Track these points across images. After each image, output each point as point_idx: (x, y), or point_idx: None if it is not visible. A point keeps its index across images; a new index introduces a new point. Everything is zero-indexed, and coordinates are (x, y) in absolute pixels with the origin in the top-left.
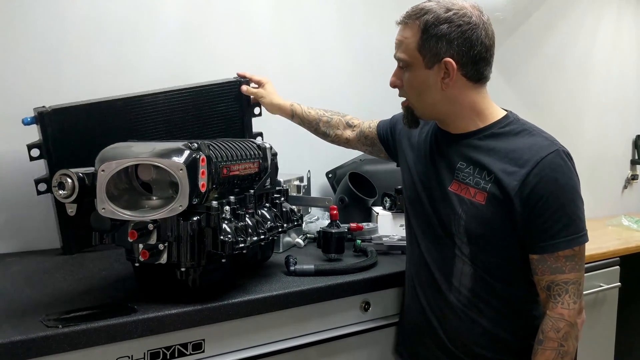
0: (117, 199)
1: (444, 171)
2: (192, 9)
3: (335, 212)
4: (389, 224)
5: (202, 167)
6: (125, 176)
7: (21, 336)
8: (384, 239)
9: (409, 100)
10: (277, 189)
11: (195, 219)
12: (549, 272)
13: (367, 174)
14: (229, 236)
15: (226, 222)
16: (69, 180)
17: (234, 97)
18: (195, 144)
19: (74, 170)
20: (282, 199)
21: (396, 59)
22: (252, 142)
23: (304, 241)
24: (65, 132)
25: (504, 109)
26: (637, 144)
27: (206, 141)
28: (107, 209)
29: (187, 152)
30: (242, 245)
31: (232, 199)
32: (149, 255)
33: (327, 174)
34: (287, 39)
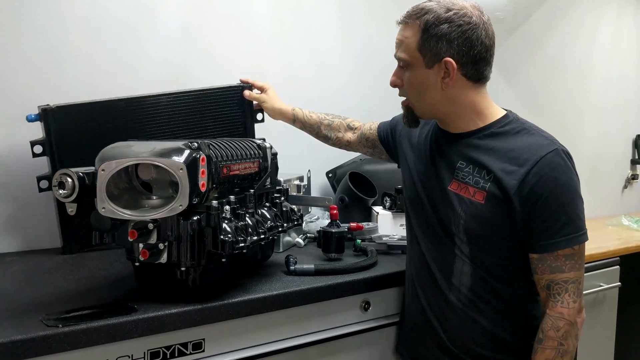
0: (117, 198)
1: (444, 171)
2: (192, 9)
3: (335, 211)
4: (389, 224)
5: (202, 167)
6: (125, 175)
7: (21, 335)
8: (384, 239)
9: (409, 99)
10: (277, 188)
11: (195, 218)
12: (549, 271)
13: (367, 174)
14: (229, 236)
15: (226, 221)
16: (69, 179)
17: (237, 102)
18: (195, 144)
19: (74, 169)
20: (282, 198)
21: (396, 58)
22: (252, 142)
23: (304, 241)
24: (68, 129)
25: (504, 109)
26: (637, 143)
27: (206, 141)
28: (107, 208)
29: (187, 152)
30: (242, 244)
31: (232, 198)
32: (149, 254)
33: (327, 174)
34: (287, 39)
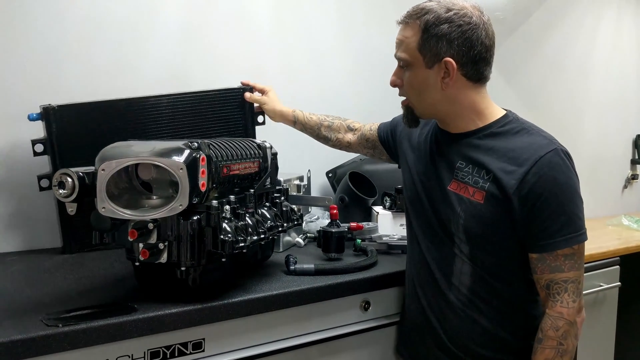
0: (117, 198)
1: (444, 171)
2: (192, 9)
3: (335, 211)
4: (389, 224)
5: (202, 167)
6: (125, 175)
7: (21, 335)
8: (384, 238)
9: (409, 99)
10: (277, 188)
11: (195, 218)
12: (548, 271)
13: (367, 174)
14: (229, 235)
15: (226, 221)
16: (69, 179)
17: (238, 105)
18: (195, 144)
19: (74, 169)
20: (282, 198)
21: (396, 58)
22: (252, 142)
23: (304, 240)
24: (69, 129)
25: (504, 109)
26: (637, 143)
27: (206, 140)
28: (107, 208)
29: (187, 152)
30: (242, 244)
31: (232, 198)
32: (149, 254)
33: (327, 174)
34: (287, 39)
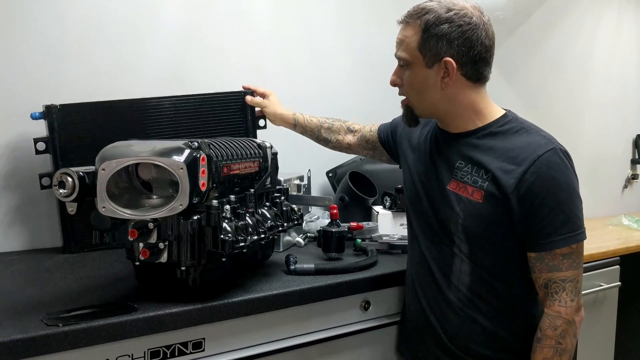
0: (118, 197)
1: (443, 170)
2: (192, 9)
3: (335, 211)
4: (389, 223)
5: (203, 166)
6: (125, 175)
7: (21, 335)
8: (384, 238)
9: (408, 99)
10: (278, 188)
11: (195, 218)
12: (547, 270)
13: (367, 173)
14: (229, 235)
15: (226, 221)
16: (70, 179)
17: (239, 108)
18: (195, 143)
19: (74, 169)
20: (283, 198)
21: (397, 57)
22: (253, 142)
23: (304, 240)
24: (71, 128)
25: (504, 109)
26: (637, 143)
27: (206, 140)
28: (107, 207)
29: (187, 151)
30: (243, 244)
31: (232, 198)
32: (149, 254)
33: (328, 173)
34: (287, 39)
